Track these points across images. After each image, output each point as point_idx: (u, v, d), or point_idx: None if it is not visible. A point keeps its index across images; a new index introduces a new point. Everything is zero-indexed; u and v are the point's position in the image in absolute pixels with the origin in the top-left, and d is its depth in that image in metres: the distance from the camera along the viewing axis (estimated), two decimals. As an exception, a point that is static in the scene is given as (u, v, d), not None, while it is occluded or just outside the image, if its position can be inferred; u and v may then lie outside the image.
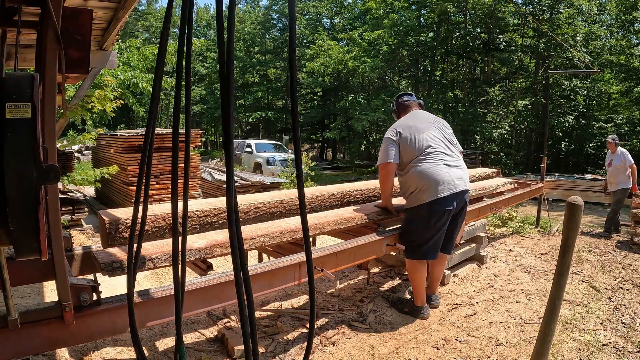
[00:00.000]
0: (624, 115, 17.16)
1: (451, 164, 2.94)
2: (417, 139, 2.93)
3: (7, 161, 0.89)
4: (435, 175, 2.84)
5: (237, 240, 0.93)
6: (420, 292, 3.11)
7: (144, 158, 1.17)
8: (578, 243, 5.35)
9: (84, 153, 18.93)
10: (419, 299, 3.13)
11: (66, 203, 5.49)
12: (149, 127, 1.14)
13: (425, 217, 2.89)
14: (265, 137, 29.09)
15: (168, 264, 1.93)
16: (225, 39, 0.91)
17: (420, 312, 3.12)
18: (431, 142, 2.94)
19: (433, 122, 3.10)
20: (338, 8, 28.87)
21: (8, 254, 1.50)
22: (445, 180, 2.84)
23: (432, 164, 2.87)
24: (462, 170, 3.01)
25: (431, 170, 2.85)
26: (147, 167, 1.16)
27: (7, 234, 0.94)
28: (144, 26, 34.95)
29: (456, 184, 2.88)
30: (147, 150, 1.14)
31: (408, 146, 2.93)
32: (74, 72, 2.25)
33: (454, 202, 2.88)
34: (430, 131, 2.99)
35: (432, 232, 2.92)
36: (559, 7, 15.47)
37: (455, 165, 2.97)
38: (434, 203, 2.83)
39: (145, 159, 1.16)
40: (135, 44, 7.19)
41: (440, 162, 2.90)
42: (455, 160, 3.01)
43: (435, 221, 2.88)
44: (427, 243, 2.95)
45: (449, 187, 2.84)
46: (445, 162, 2.91)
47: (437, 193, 2.82)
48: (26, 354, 1.52)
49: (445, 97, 18.73)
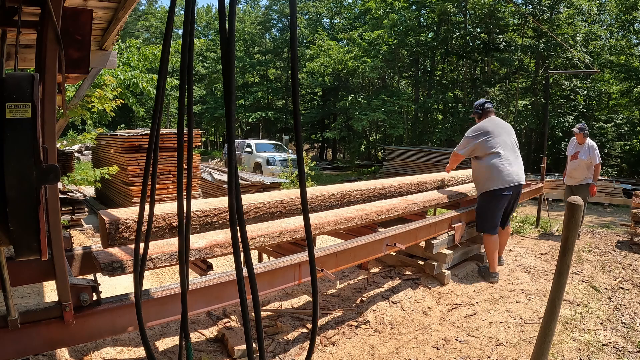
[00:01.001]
0: (624, 115, 17.14)
1: (513, 163, 3.91)
2: (492, 141, 3.89)
3: (7, 161, 0.89)
4: (500, 170, 3.83)
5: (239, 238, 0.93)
6: (494, 260, 3.97)
7: (149, 158, 1.16)
8: (578, 243, 5.35)
9: (84, 153, 18.94)
10: (493, 266, 3.98)
11: (66, 203, 5.49)
12: (153, 128, 1.14)
13: (491, 200, 3.89)
14: (265, 137, 29.09)
15: (168, 264, 1.93)
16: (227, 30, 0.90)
17: (492, 276, 3.96)
18: (502, 144, 3.90)
19: (504, 128, 4.05)
20: (338, 8, 28.87)
21: (8, 254, 1.50)
22: (506, 174, 3.83)
23: (499, 161, 3.84)
24: (519, 168, 3.99)
25: (498, 166, 3.84)
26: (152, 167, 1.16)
27: (7, 234, 0.94)
28: (144, 26, 34.92)
29: (513, 178, 3.87)
30: (152, 150, 1.14)
31: (484, 145, 3.91)
32: (74, 72, 2.25)
33: (510, 191, 3.88)
34: (502, 136, 3.95)
35: (495, 212, 3.92)
36: (559, 7, 15.47)
37: (516, 164, 3.96)
38: (497, 190, 3.84)
39: (150, 159, 1.16)
40: (135, 44, 7.18)
41: (504, 161, 3.86)
42: (516, 160, 4.00)
43: (496, 203, 3.89)
44: (494, 219, 3.94)
45: (508, 181, 3.83)
46: (508, 161, 3.87)
47: (499, 184, 3.82)
48: (26, 354, 1.52)
49: (445, 97, 18.72)
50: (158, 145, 1.16)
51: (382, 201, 3.48)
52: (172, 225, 2.10)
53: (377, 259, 4.18)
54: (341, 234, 3.13)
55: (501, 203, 3.90)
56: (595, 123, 16.62)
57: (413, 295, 3.54)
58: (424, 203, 3.68)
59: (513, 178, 3.85)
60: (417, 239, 3.44)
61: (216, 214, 2.33)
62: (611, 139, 16.80)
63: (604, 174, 14.48)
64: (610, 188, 10.37)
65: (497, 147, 3.86)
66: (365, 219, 2.94)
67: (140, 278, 1.23)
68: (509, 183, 3.83)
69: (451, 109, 18.77)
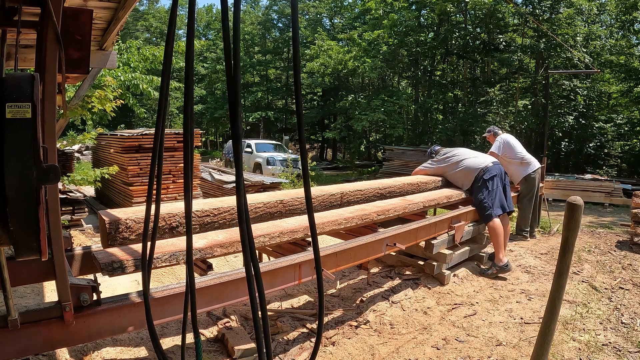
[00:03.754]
0: (623, 115, 17.15)
1: (477, 156, 4.59)
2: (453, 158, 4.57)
3: (8, 161, 0.89)
4: (470, 164, 4.42)
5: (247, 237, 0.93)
6: (500, 249, 4.13)
7: (154, 158, 1.16)
8: (578, 243, 5.35)
9: (84, 153, 18.94)
10: (500, 254, 4.14)
11: (66, 203, 5.49)
12: (158, 128, 1.14)
13: (480, 188, 4.32)
14: (265, 137, 29.07)
15: (168, 264, 1.93)
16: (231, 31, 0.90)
17: (504, 266, 4.11)
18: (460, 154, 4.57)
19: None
20: (338, 8, 28.87)
21: (8, 254, 1.50)
22: (476, 163, 4.43)
23: (466, 161, 4.45)
24: (485, 156, 4.62)
25: (467, 165, 4.44)
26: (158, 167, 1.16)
27: (7, 234, 0.94)
28: (144, 26, 34.92)
29: (482, 161, 4.45)
30: (157, 150, 1.14)
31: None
32: (74, 72, 2.25)
33: (489, 172, 4.29)
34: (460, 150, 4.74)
35: (489, 195, 4.29)
36: (559, 7, 15.47)
37: (480, 156, 4.60)
38: (477, 176, 4.31)
39: (155, 159, 1.16)
40: (136, 45, 7.18)
41: (469, 159, 4.51)
42: (480, 154, 4.69)
43: (483, 187, 4.27)
44: (492, 204, 4.28)
45: (481, 165, 4.38)
46: (474, 157, 4.55)
47: (475, 171, 4.32)
48: (26, 354, 1.52)
49: (445, 97, 18.72)
50: (163, 146, 1.16)
51: (382, 201, 3.48)
52: (172, 225, 2.10)
53: (377, 259, 4.18)
54: (341, 234, 3.13)
55: (489, 186, 4.22)
56: (595, 123, 16.63)
57: (413, 295, 3.54)
58: (424, 203, 3.68)
59: (482, 161, 4.38)
60: (417, 239, 3.44)
61: (216, 214, 2.32)
62: (611, 139, 16.82)
63: (604, 174, 14.49)
64: (610, 188, 10.36)
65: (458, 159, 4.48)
66: (365, 219, 2.94)
67: (147, 277, 1.23)
68: (482, 163, 4.32)
69: (451, 109, 18.77)
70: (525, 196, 5.58)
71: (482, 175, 4.25)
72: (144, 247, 1.25)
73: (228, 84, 0.93)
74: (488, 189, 4.22)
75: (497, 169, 4.33)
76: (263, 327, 0.98)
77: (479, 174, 4.27)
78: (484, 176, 4.24)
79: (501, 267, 4.08)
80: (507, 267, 4.09)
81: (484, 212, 4.20)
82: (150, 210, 1.25)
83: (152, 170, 1.19)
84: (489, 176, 4.23)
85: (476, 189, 4.30)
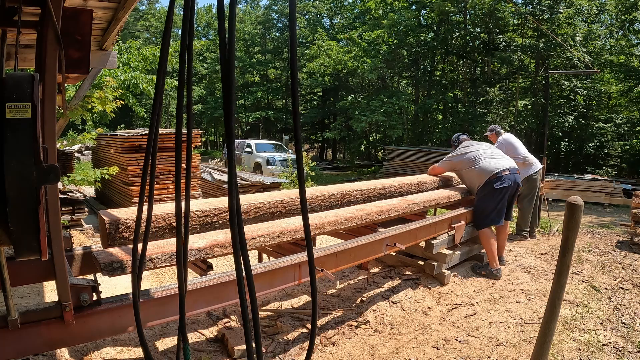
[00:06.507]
0: (623, 115, 17.14)
1: (497, 158, 4.39)
2: (470, 154, 4.36)
3: (8, 161, 0.89)
4: (486, 166, 4.21)
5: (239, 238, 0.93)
6: (494, 256, 4.11)
7: (147, 158, 1.16)
8: (578, 243, 5.35)
9: (84, 153, 18.94)
10: (493, 262, 4.12)
11: (66, 203, 5.49)
12: (152, 128, 1.14)
13: (487, 195, 4.18)
14: (265, 137, 29.07)
15: (168, 264, 1.92)
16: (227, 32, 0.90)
17: (495, 272, 4.10)
18: (479, 153, 4.34)
19: (481, 144, 4.59)
20: (338, 8, 28.85)
21: (8, 254, 1.50)
22: (493, 167, 4.22)
23: (483, 162, 4.24)
24: (508, 161, 4.40)
25: (482, 165, 4.25)
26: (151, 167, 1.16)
27: (7, 234, 0.94)
28: (144, 26, 34.92)
29: (500, 166, 4.22)
30: (150, 150, 1.13)
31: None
32: (74, 72, 2.25)
33: (502, 182, 4.10)
34: (479, 146, 4.56)
35: (490, 206, 4.14)
36: (559, 7, 15.46)
37: (501, 159, 4.39)
38: (489, 182, 4.11)
39: (148, 159, 1.15)
40: (136, 45, 7.18)
41: (487, 160, 4.31)
42: (502, 157, 4.46)
43: (490, 197, 4.14)
44: (489, 214, 4.17)
45: (498, 169, 4.14)
46: (492, 158, 4.36)
47: (489, 175, 4.11)
48: (26, 354, 1.52)
49: (445, 97, 18.71)
50: (157, 145, 1.15)
51: (382, 201, 3.48)
52: (172, 225, 2.10)
53: (377, 259, 4.18)
54: (341, 234, 3.13)
55: (496, 196, 4.04)
56: (595, 123, 16.63)
57: (413, 295, 3.54)
58: (424, 203, 3.68)
59: (499, 165, 4.11)
60: (417, 239, 3.44)
61: (216, 214, 2.32)
62: (611, 139, 16.82)
63: (604, 174, 14.48)
64: (610, 188, 10.35)
65: (476, 156, 4.23)
66: (365, 219, 2.94)
67: (138, 278, 1.23)
68: (498, 168, 4.06)
69: (451, 109, 18.76)
70: (526, 196, 5.57)
71: (494, 183, 4.03)
72: (134, 247, 1.25)
73: (222, 68, 0.92)
74: (494, 199, 4.05)
75: (511, 179, 4.07)
76: (254, 330, 0.98)
77: (491, 178, 4.05)
78: (495, 184, 4.02)
79: (491, 272, 4.10)
80: (497, 274, 4.09)
81: (479, 219, 4.16)
82: (142, 209, 1.24)
83: (145, 169, 1.18)
84: (500, 186, 4.02)
85: (482, 193, 4.12)
